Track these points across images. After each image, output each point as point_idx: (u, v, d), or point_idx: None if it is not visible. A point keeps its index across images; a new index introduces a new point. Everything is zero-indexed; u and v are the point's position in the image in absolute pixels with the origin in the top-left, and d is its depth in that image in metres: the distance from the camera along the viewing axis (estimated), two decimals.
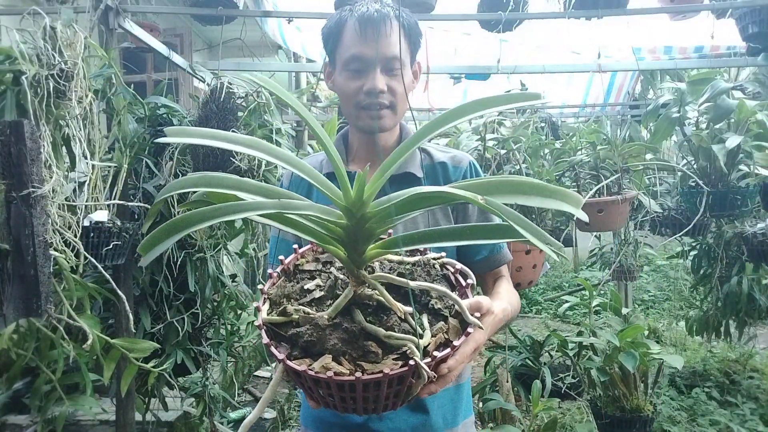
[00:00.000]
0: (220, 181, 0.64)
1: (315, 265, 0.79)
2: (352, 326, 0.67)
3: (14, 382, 1.78)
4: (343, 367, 0.64)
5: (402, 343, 0.66)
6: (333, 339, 0.66)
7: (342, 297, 0.69)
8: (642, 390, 2.42)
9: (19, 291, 1.30)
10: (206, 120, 2.08)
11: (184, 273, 2.27)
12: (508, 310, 0.98)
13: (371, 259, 0.72)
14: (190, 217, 0.57)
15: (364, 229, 0.67)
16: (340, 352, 0.65)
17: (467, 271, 0.79)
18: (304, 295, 0.74)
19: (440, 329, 0.70)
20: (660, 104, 2.78)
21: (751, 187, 2.48)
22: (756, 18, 2.60)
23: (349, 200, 0.66)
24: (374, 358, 0.65)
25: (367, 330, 0.67)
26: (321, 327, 0.67)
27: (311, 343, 0.66)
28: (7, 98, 1.59)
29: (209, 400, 2.52)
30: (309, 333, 0.67)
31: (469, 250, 1.19)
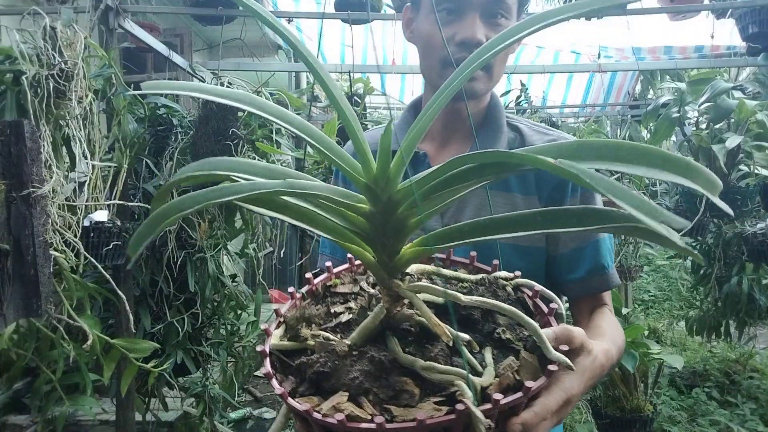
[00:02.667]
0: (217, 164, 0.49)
1: (351, 287, 0.62)
2: (380, 356, 0.49)
3: (14, 382, 1.78)
4: (363, 410, 0.45)
5: (449, 380, 0.46)
6: (354, 372, 0.48)
7: (371, 317, 0.52)
8: (642, 390, 2.43)
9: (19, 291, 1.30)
10: (206, 120, 2.08)
11: (184, 273, 2.27)
12: (612, 352, 0.69)
13: (407, 263, 0.53)
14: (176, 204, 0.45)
15: (394, 218, 0.49)
16: (362, 389, 0.47)
17: (550, 295, 0.58)
18: (330, 319, 0.57)
19: (509, 367, 0.48)
20: (660, 104, 2.78)
21: (751, 187, 2.48)
22: (756, 18, 2.60)
23: (370, 174, 0.48)
24: (408, 401, 0.46)
25: (401, 362, 0.49)
26: (339, 355, 0.50)
27: (323, 375, 0.49)
28: (7, 98, 1.59)
29: (209, 400, 2.52)
30: (321, 363, 0.49)
31: (561, 267, 0.91)
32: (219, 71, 2.26)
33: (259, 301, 2.67)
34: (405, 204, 0.49)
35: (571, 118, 5.47)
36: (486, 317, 0.54)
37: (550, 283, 0.91)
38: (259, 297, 2.64)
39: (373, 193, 0.48)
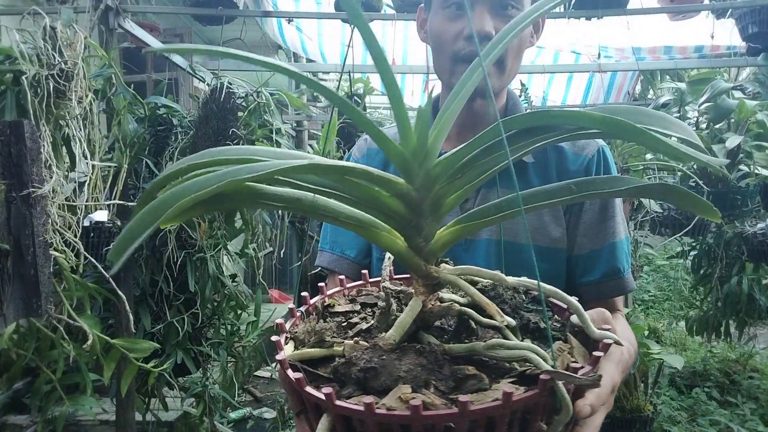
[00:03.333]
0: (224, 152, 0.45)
1: (351, 307, 0.58)
2: (430, 347, 0.45)
3: (14, 382, 1.78)
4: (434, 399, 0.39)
5: (518, 356, 0.43)
6: (406, 364, 0.42)
7: (407, 311, 0.47)
8: (642, 390, 2.43)
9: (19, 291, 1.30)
10: (206, 120, 2.08)
11: (184, 273, 2.27)
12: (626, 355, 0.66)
13: (443, 247, 0.48)
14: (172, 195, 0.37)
15: (431, 196, 0.46)
16: (421, 381, 0.41)
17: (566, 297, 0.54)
18: (345, 331, 0.52)
19: (560, 349, 0.46)
20: (660, 104, 2.78)
21: (751, 187, 2.48)
22: (756, 18, 2.60)
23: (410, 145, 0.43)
24: (478, 386, 0.41)
25: (454, 352, 0.45)
26: (384, 350, 0.44)
27: (372, 372, 0.42)
28: (7, 98, 1.59)
29: (209, 400, 2.52)
30: (367, 358, 0.43)
31: (576, 269, 0.89)
32: (219, 71, 2.26)
33: (259, 301, 2.67)
34: (442, 179, 0.45)
35: None
36: (518, 309, 0.51)
37: (567, 285, 0.90)
38: (259, 297, 2.64)
39: (411, 167, 0.44)
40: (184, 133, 2.23)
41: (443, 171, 0.45)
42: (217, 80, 2.15)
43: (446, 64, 0.88)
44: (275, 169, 0.36)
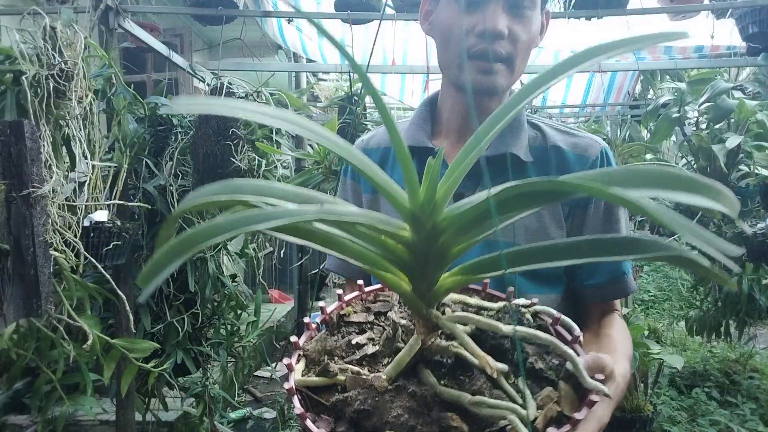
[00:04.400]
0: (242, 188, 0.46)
1: (365, 316, 0.60)
2: (421, 390, 0.48)
3: (14, 382, 1.78)
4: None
5: (499, 415, 0.45)
6: (396, 409, 0.46)
7: (406, 349, 0.50)
8: (642, 390, 2.43)
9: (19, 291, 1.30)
10: (206, 120, 2.08)
11: (184, 273, 2.27)
12: (628, 373, 0.69)
13: (446, 293, 0.51)
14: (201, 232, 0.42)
15: (436, 247, 0.47)
16: (407, 428, 0.45)
17: (570, 324, 0.56)
18: (353, 351, 0.54)
19: (549, 397, 0.48)
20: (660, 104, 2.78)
21: (751, 187, 2.48)
22: (756, 18, 2.60)
23: (417, 201, 0.45)
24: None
25: (444, 396, 0.47)
26: (378, 392, 0.48)
27: (365, 413, 0.46)
28: (7, 98, 1.59)
29: (209, 400, 2.52)
30: (361, 399, 0.47)
31: (581, 273, 0.88)
32: (219, 71, 2.26)
33: (259, 301, 2.67)
34: (449, 232, 0.47)
35: (571, 118, 5.47)
36: (515, 347, 0.53)
37: (570, 287, 0.90)
38: (259, 297, 2.64)
39: (418, 221, 0.46)
40: (184, 133, 2.23)
41: (451, 224, 0.46)
42: (217, 80, 2.15)
43: (455, 60, 0.86)
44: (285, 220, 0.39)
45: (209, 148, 2.03)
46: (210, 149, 2.03)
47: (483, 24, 0.81)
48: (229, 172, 2.04)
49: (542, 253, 0.46)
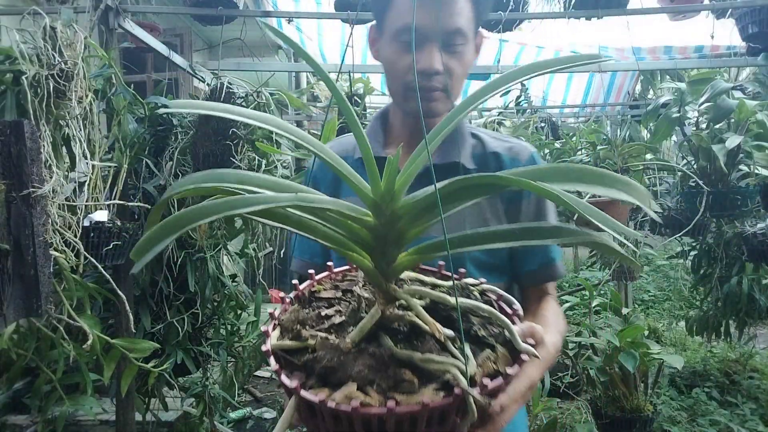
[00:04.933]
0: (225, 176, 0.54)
1: (334, 293, 0.68)
2: (380, 351, 0.55)
3: (14, 382, 1.78)
4: (371, 398, 0.51)
5: (443, 369, 0.53)
6: (358, 365, 0.54)
7: (368, 317, 0.58)
8: (642, 390, 2.43)
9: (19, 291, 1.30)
10: (206, 120, 2.08)
11: (184, 273, 2.27)
12: (559, 343, 0.81)
13: (403, 269, 0.60)
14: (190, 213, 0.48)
15: (394, 230, 0.56)
16: (367, 380, 0.53)
17: (511, 299, 0.67)
18: (322, 321, 0.62)
19: (487, 358, 0.57)
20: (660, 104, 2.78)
21: (751, 187, 2.48)
22: (756, 18, 2.60)
23: (378, 192, 0.54)
24: (409, 388, 0.52)
25: (399, 356, 0.55)
26: (344, 352, 0.55)
27: (331, 369, 0.54)
28: (7, 98, 1.59)
29: (209, 400, 2.52)
30: (328, 358, 0.54)
31: (517, 260, 1.02)
32: (219, 71, 2.26)
33: (259, 301, 2.67)
34: (405, 218, 0.56)
35: (571, 118, 5.47)
36: (464, 318, 0.61)
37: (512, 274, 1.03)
38: (259, 297, 2.64)
39: (379, 208, 0.55)
40: (184, 133, 2.23)
41: (406, 212, 0.56)
42: (217, 80, 2.15)
43: (399, 90, 0.98)
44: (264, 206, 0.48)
45: (209, 148, 2.03)
46: (210, 149, 2.03)
47: (421, 63, 0.92)
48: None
49: (483, 237, 0.58)
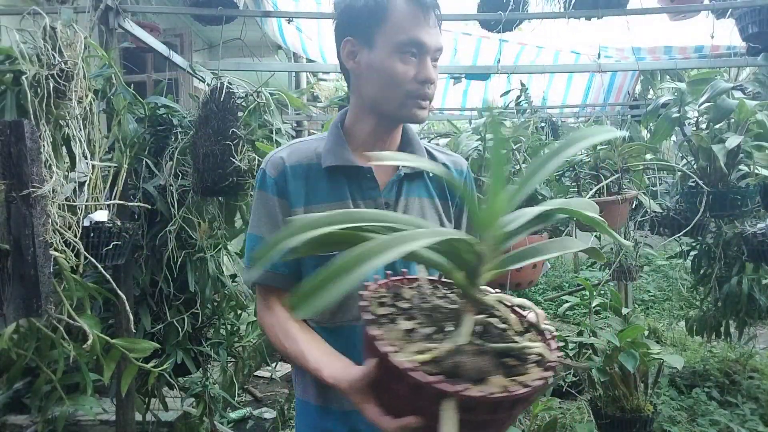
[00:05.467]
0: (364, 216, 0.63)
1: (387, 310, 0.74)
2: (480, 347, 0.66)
3: (14, 382, 1.78)
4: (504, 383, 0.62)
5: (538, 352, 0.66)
6: (482, 360, 0.64)
7: (468, 322, 0.68)
8: (642, 390, 2.43)
9: (19, 291, 1.30)
10: (206, 120, 2.08)
11: (184, 273, 2.27)
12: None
13: (485, 282, 0.70)
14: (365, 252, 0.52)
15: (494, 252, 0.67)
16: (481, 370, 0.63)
17: (526, 303, 0.78)
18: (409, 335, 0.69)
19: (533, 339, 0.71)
20: (660, 104, 2.78)
21: (751, 187, 2.48)
22: (756, 18, 2.59)
23: (493, 221, 0.66)
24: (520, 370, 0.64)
25: (496, 348, 0.66)
26: (466, 353, 0.64)
27: (472, 370, 0.63)
28: (7, 98, 1.59)
29: (209, 400, 2.52)
30: (468, 360, 0.63)
31: None
32: (219, 71, 2.26)
33: None
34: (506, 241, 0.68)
35: (571, 118, 5.46)
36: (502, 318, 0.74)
37: None
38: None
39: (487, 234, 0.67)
40: (184, 133, 2.23)
41: (506, 236, 0.67)
42: (217, 80, 2.15)
43: (395, 97, 1.06)
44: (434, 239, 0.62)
45: (209, 148, 2.03)
46: (210, 149, 2.03)
47: (423, 73, 1.05)
48: (229, 172, 2.03)
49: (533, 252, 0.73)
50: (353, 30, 1.08)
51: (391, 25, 1.04)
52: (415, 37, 1.04)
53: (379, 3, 1.05)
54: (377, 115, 1.11)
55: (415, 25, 1.04)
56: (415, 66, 1.05)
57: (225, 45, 2.43)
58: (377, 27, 1.05)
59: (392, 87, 1.06)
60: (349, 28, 1.09)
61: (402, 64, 1.04)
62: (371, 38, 1.06)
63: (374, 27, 1.05)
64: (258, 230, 1.09)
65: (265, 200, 1.09)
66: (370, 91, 1.09)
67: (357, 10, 1.07)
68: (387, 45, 1.05)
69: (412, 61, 1.05)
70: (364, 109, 1.13)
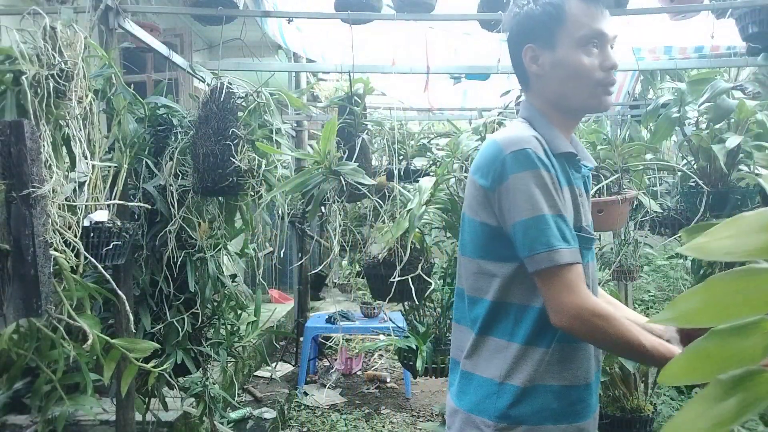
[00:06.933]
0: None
1: None
2: None
3: (14, 382, 1.78)
4: None
5: None
6: None
7: None
8: (642, 390, 2.43)
9: (19, 291, 1.30)
10: (206, 120, 2.08)
11: (184, 273, 2.27)
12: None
13: None
14: None
15: None
16: None
17: None
18: None
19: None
20: (660, 104, 2.78)
21: (751, 187, 2.48)
22: (756, 18, 2.59)
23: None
24: None
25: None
26: None
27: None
28: (7, 98, 1.59)
29: (209, 400, 2.52)
30: None
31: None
32: (219, 71, 2.26)
33: (259, 301, 2.67)
34: None
35: None
36: None
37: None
38: (259, 297, 2.64)
39: None
40: (184, 133, 2.23)
41: None
42: (217, 80, 2.15)
43: (586, 88, 1.13)
44: None
45: (209, 148, 2.03)
46: (210, 149, 2.03)
47: (608, 61, 1.12)
48: (229, 172, 2.03)
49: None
50: (533, 37, 1.16)
51: (570, 24, 1.12)
52: (594, 29, 1.11)
53: (557, 6, 1.13)
54: (563, 110, 1.18)
55: (592, 19, 1.11)
56: (598, 56, 1.12)
57: (225, 45, 2.43)
58: (557, 28, 1.13)
59: (581, 79, 1.13)
60: (528, 36, 1.17)
61: (586, 56, 1.12)
62: (553, 40, 1.14)
63: (555, 29, 1.13)
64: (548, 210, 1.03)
65: (541, 178, 1.04)
66: (558, 89, 1.16)
67: (536, 17, 1.15)
68: (570, 42, 1.13)
69: (594, 52, 1.12)
70: (548, 108, 1.19)
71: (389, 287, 2.17)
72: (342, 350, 4.75)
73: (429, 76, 2.82)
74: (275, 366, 4.53)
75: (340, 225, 2.24)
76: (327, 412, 3.74)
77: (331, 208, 2.19)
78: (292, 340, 5.04)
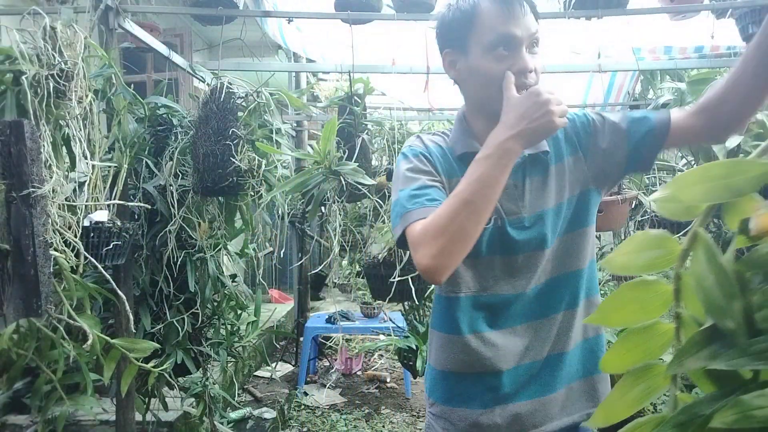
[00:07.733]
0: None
1: None
2: None
3: (14, 382, 1.78)
4: None
5: None
6: None
7: None
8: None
9: (19, 291, 1.30)
10: (206, 120, 2.08)
11: (184, 273, 2.27)
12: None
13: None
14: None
15: None
16: None
17: None
18: None
19: None
20: (660, 104, 2.78)
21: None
22: (756, 18, 2.59)
23: None
24: None
25: None
26: None
27: None
28: (7, 98, 1.59)
29: (209, 400, 2.52)
30: None
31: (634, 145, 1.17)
32: (219, 71, 2.26)
33: (259, 301, 2.67)
34: None
35: None
36: None
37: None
38: (259, 297, 2.64)
39: None
40: (184, 133, 2.23)
41: None
42: (217, 80, 2.15)
43: (499, 95, 1.08)
44: None
45: (209, 148, 2.03)
46: (210, 149, 2.03)
47: (518, 65, 1.07)
48: (229, 172, 2.03)
49: None
50: (449, 42, 1.16)
51: (479, 29, 1.10)
52: (502, 33, 1.07)
53: (465, 11, 1.10)
54: (486, 114, 1.15)
55: (501, 22, 1.07)
56: (508, 60, 1.08)
57: (225, 45, 2.43)
58: (468, 33, 1.11)
59: (492, 86, 1.10)
60: (445, 41, 1.16)
61: (496, 62, 1.09)
62: (465, 45, 1.13)
63: (466, 34, 1.12)
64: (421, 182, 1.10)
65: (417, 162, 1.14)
66: (475, 94, 1.18)
67: (448, 23, 1.14)
68: (479, 48, 1.11)
69: (504, 56, 1.08)
70: (474, 110, 1.20)
71: (389, 287, 2.17)
72: (342, 350, 4.75)
73: (429, 76, 2.82)
74: (275, 366, 4.54)
75: (340, 225, 2.24)
76: (327, 412, 3.74)
77: (331, 208, 2.19)
78: (292, 340, 5.04)
